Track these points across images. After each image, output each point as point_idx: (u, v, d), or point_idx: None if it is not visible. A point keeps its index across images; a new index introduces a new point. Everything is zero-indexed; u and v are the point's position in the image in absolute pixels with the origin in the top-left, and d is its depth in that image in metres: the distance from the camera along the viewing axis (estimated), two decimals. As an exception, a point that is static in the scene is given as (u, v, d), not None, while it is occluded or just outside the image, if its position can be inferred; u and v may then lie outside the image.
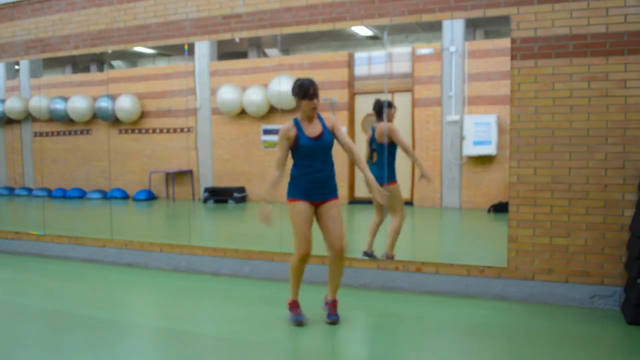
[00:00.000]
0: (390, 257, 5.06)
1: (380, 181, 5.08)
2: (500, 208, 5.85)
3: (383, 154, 5.16)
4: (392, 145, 5.17)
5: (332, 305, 4.07)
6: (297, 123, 3.96)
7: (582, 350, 3.57)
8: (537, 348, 3.62)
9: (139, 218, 9.09)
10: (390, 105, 5.22)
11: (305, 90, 3.87)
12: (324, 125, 3.96)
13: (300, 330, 4.06)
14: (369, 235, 5.25)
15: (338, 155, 4.02)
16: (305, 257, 3.99)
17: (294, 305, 4.10)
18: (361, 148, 8.14)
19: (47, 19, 6.73)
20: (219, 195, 9.12)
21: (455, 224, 5.11)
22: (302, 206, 3.94)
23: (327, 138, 3.93)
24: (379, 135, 5.21)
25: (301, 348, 3.67)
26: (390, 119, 5.21)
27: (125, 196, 9.29)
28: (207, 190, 9.10)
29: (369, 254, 5.19)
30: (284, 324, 4.21)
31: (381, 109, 5.21)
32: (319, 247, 4.08)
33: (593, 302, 4.43)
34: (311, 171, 3.93)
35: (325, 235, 3.98)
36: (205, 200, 9.09)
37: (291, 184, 4.01)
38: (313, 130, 3.94)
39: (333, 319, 4.01)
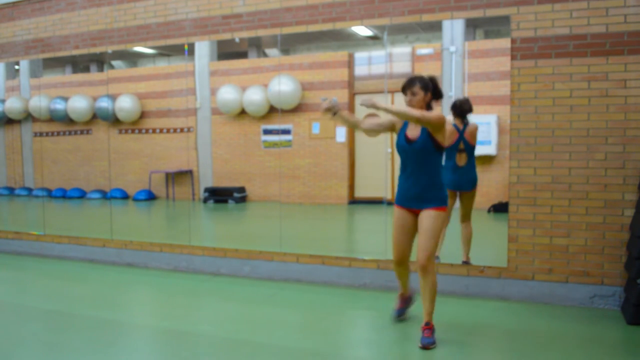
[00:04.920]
0: (467, 262, 4.95)
1: (472, 185, 5.03)
2: (500, 208, 5.85)
3: (472, 156, 5.00)
4: (474, 147, 5.02)
5: (424, 328, 3.65)
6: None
7: (582, 350, 3.57)
8: (537, 348, 3.62)
9: (139, 218, 9.09)
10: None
11: (402, 85, 3.73)
12: (424, 129, 3.65)
13: (301, 331, 4.07)
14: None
15: (338, 156, 4.00)
16: (398, 262, 3.86)
17: (399, 299, 4.11)
18: (363, 149, 8.15)
19: (47, 19, 6.74)
20: (219, 195, 9.12)
21: (455, 223, 5.10)
22: (398, 213, 3.80)
23: (420, 144, 3.64)
24: (470, 136, 4.99)
25: (301, 348, 3.67)
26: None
27: (125, 196, 9.29)
28: (207, 190, 9.11)
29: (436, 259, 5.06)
30: (284, 324, 4.22)
31: (466, 110, 4.97)
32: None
33: (593, 302, 4.43)
34: (406, 176, 3.75)
35: (417, 247, 3.75)
36: (205, 200, 9.09)
37: (397, 187, 3.86)
38: (413, 132, 3.71)
39: (424, 342, 3.58)
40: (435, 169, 3.71)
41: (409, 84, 3.73)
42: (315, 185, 8.50)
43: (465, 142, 5.00)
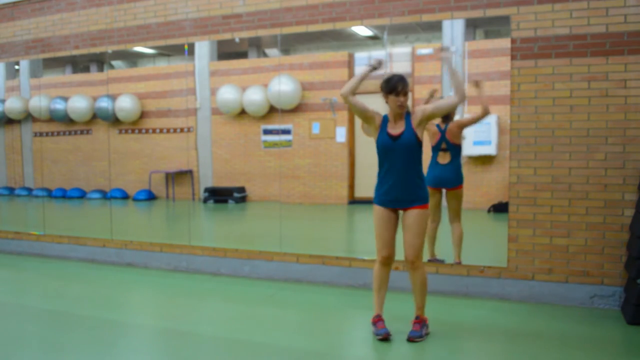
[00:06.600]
0: (458, 262, 4.95)
1: (455, 183, 4.98)
2: (500, 208, 5.84)
3: (458, 156, 4.98)
4: (460, 146, 5.00)
5: (414, 322, 3.77)
6: (385, 117, 3.77)
7: (582, 350, 3.57)
8: (537, 348, 3.62)
9: (139, 218, 9.09)
10: None
11: (392, 85, 3.66)
12: (408, 124, 3.69)
13: (301, 331, 4.07)
14: (429, 242, 5.05)
15: (338, 156, 3.99)
16: (385, 261, 3.76)
17: (377, 320, 3.80)
18: (363, 149, 8.16)
19: (47, 19, 6.73)
20: (219, 195, 9.11)
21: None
22: (380, 210, 3.77)
23: (406, 139, 3.66)
24: (452, 136, 4.97)
25: (301, 348, 3.67)
26: (452, 117, 4.99)
27: (125, 196, 9.29)
28: (207, 190, 9.10)
29: (436, 260, 5.05)
30: (283, 324, 4.22)
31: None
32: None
33: (593, 302, 4.43)
34: (388, 175, 3.72)
35: (403, 244, 3.77)
36: (205, 200, 9.08)
37: (375, 188, 3.83)
38: (394, 129, 3.70)
39: (411, 335, 3.71)
40: (416, 165, 3.72)
41: (404, 84, 3.68)
42: (315, 185, 8.49)
43: (447, 142, 5.01)
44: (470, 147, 6.21)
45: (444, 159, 5.05)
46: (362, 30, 6.05)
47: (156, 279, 5.66)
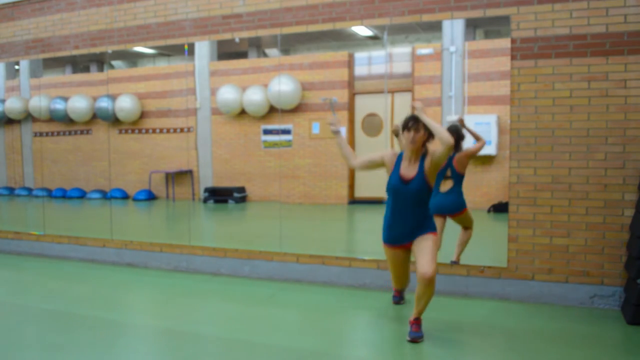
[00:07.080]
0: (456, 262, 4.98)
1: (456, 210, 4.98)
2: (500, 208, 5.85)
3: (458, 184, 4.97)
4: (464, 175, 5.02)
5: (414, 322, 3.76)
6: (399, 156, 3.82)
7: (582, 350, 3.57)
8: (537, 348, 3.62)
9: (139, 218, 9.09)
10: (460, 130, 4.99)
11: (404, 122, 3.70)
12: (420, 169, 3.72)
13: (301, 331, 4.07)
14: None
15: (338, 155, 3.98)
16: (400, 290, 4.48)
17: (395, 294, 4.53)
18: (363, 149, 8.16)
19: (47, 19, 6.73)
20: (219, 195, 9.11)
21: (455, 224, 5.11)
22: (390, 252, 3.97)
23: (416, 185, 3.69)
24: (458, 164, 4.93)
25: (301, 348, 3.67)
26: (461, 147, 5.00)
27: (125, 196, 9.28)
28: (207, 190, 9.10)
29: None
30: (283, 324, 4.22)
31: (461, 137, 4.95)
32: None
33: (593, 302, 4.43)
34: (396, 215, 3.81)
35: (416, 262, 3.75)
36: (205, 200, 9.08)
37: (383, 225, 3.95)
38: (408, 171, 3.74)
39: (415, 336, 3.70)
40: (425, 205, 3.82)
41: (414, 122, 3.71)
42: (315, 185, 8.49)
43: (453, 170, 4.95)
44: (470, 147, 6.20)
45: (445, 186, 5.02)
46: (362, 30, 6.05)
47: (156, 279, 5.66)
